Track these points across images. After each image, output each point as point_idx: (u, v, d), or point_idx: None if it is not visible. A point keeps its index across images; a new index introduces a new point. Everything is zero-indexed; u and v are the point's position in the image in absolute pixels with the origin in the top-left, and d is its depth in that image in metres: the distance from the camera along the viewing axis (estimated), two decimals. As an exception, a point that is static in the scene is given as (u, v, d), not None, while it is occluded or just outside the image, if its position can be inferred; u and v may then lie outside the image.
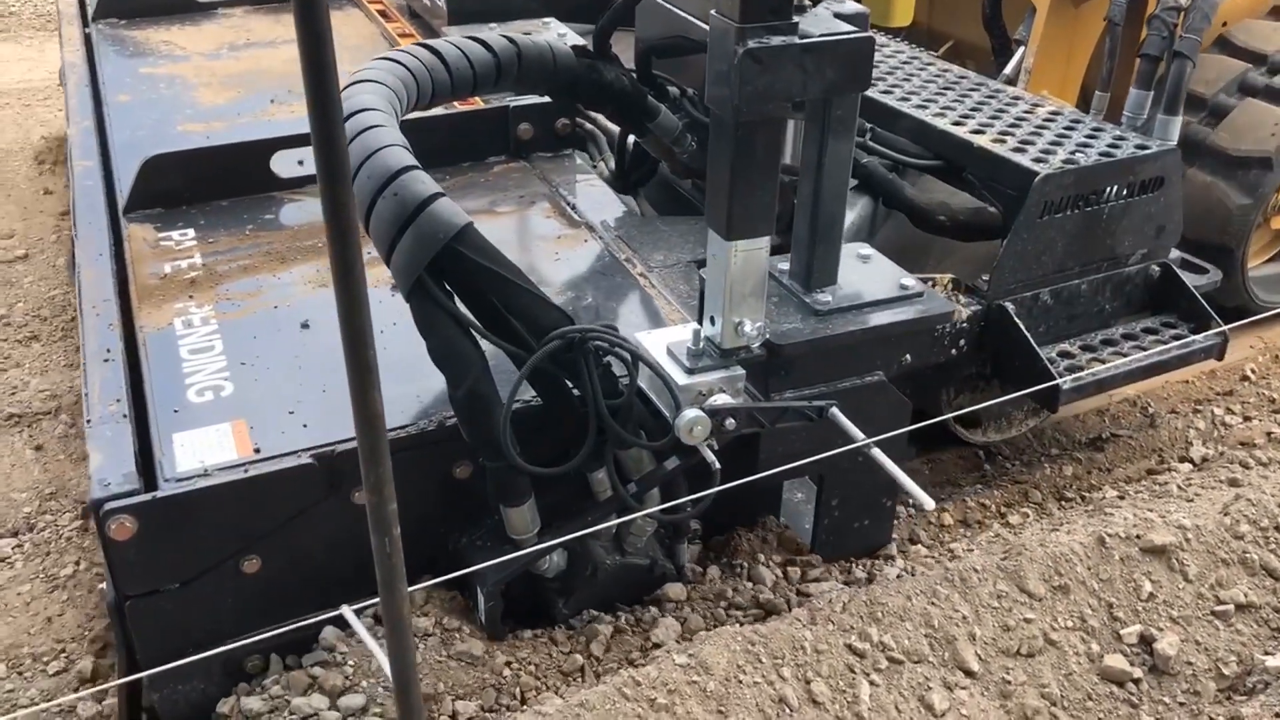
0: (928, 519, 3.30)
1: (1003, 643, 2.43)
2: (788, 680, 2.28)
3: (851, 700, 2.28)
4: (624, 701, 2.18)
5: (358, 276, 1.05)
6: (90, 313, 2.72)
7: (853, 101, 2.30)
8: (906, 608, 2.43)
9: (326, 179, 1.03)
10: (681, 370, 2.31)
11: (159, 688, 2.32)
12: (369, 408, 1.11)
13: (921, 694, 2.32)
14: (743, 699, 2.23)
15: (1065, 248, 3.19)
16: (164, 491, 2.18)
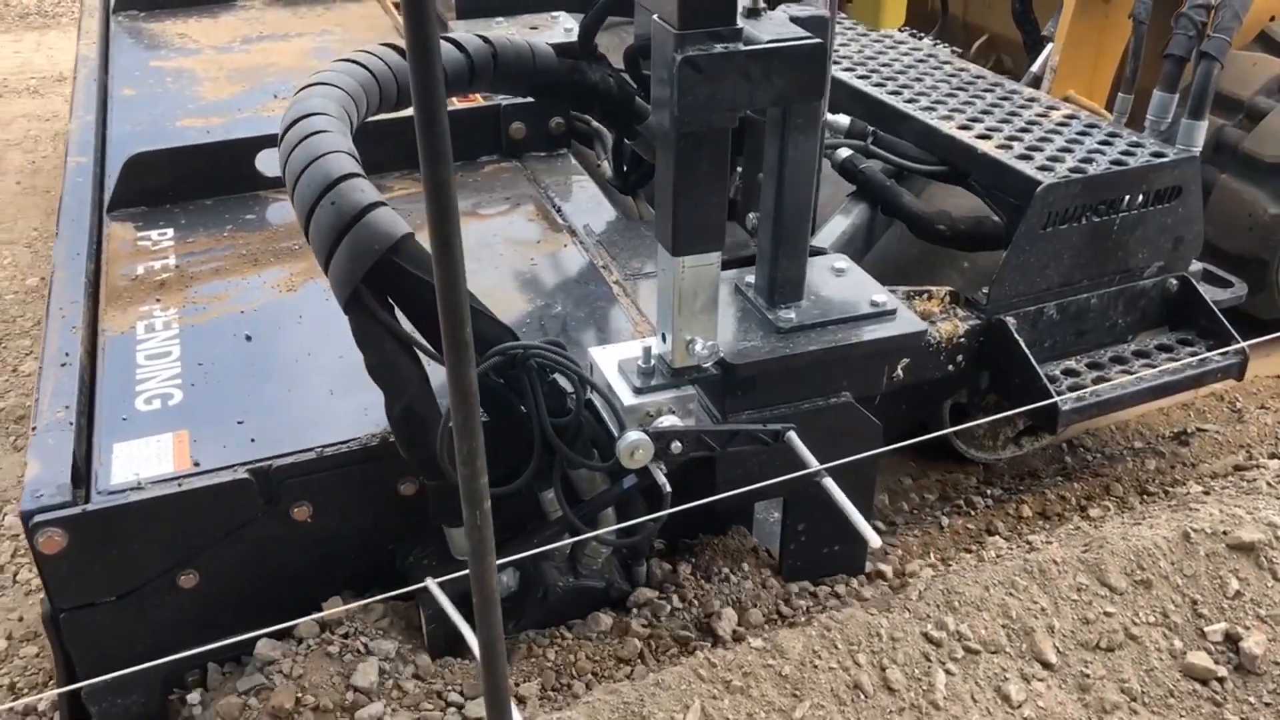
0: (1006, 510, 3.31)
1: (1082, 635, 2.41)
2: (863, 667, 2.29)
3: (926, 689, 2.28)
4: (699, 682, 2.22)
5: (456, 250, 1.08)
6: (56, 314, 2.70)
7: (815, 105, 2.19)
8: (984, 598, 2.42)
9: (428, 153, 1.07)
10: (630, 389, 2.22)
11: (96, 701, 2.28)
12: (463, 383, 1.15)
13: (998, 684, 2.31)
14: (817, 684, 2.25)
15: (1072, 260, 3.04)
16: (95, 505, 2.13)
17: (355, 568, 2.38)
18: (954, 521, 3.31)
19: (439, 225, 1.08)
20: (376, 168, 3.36)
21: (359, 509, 2.32)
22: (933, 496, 3.43)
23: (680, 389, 2.22)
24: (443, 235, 1.07)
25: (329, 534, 2.31)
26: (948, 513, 3.35)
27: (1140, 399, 3.10)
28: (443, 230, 1.07)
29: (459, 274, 1.12)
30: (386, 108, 2.63)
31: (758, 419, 2.30)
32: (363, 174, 2.21)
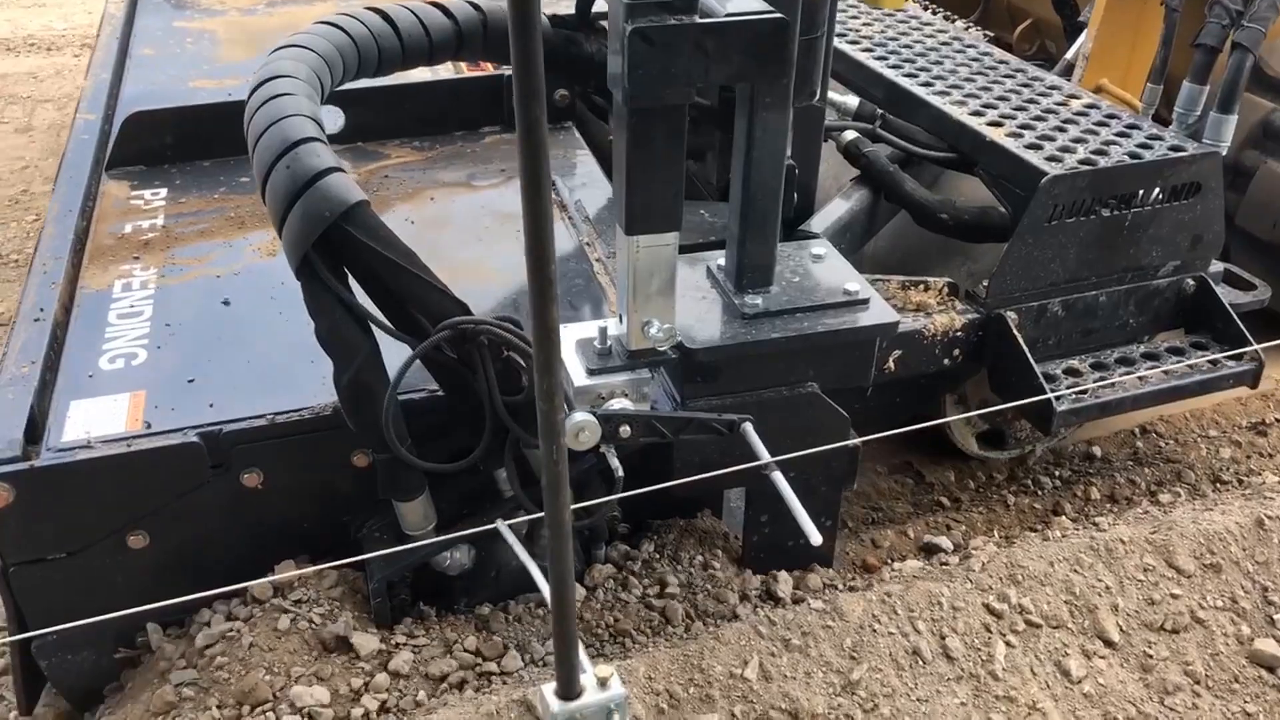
0: (1074, 492, 3.30)
1: (1146, 616, 2.40)
2: (922, 634, 2.31)
3: (986, 659, 2.29)
4: (758, 639, 2.25)
5: (544, 193, 1.15)
6: (39, 270, 2.71)
7: (784, 83, 2.10)
8: (1048, 573, 2.43)
9: (522, 89, 1.12)
10: (583, 370, 2.17)
11: (46, 655, 2.30)
12: (547, 320, 1.21)
13: (1058, 659, 2.31)
14: (876, 648, 2.27)
15: (1079, 255, 2.92)
16: (42, 461, 2.14)
17: (308, 537, 2.36)
18: (1020, 500, 3.31)
19: (530, 163, 1.16)
20: (377, 135, 3.35)
21: (311, 478, 2.30)
22: (1001, 476, 3.41)
23: (635, 372, 2.16)
24: (533, 173, 1.15)
25: (281, 502, 2.30)
26: (1015, 492, 3.33)
27: (1143, 402, 2.98)
28: (533, 168, 1.15)
29: (547, 212, 1.18)
30: (366, 72, 2.59)
31: (718, 406, 2.23)
32: (322, 139, 2.18)
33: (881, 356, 2.80)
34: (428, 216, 2.96)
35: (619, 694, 1.49)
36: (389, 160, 3.26)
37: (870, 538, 3.11)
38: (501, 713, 2.09)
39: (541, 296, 1.19)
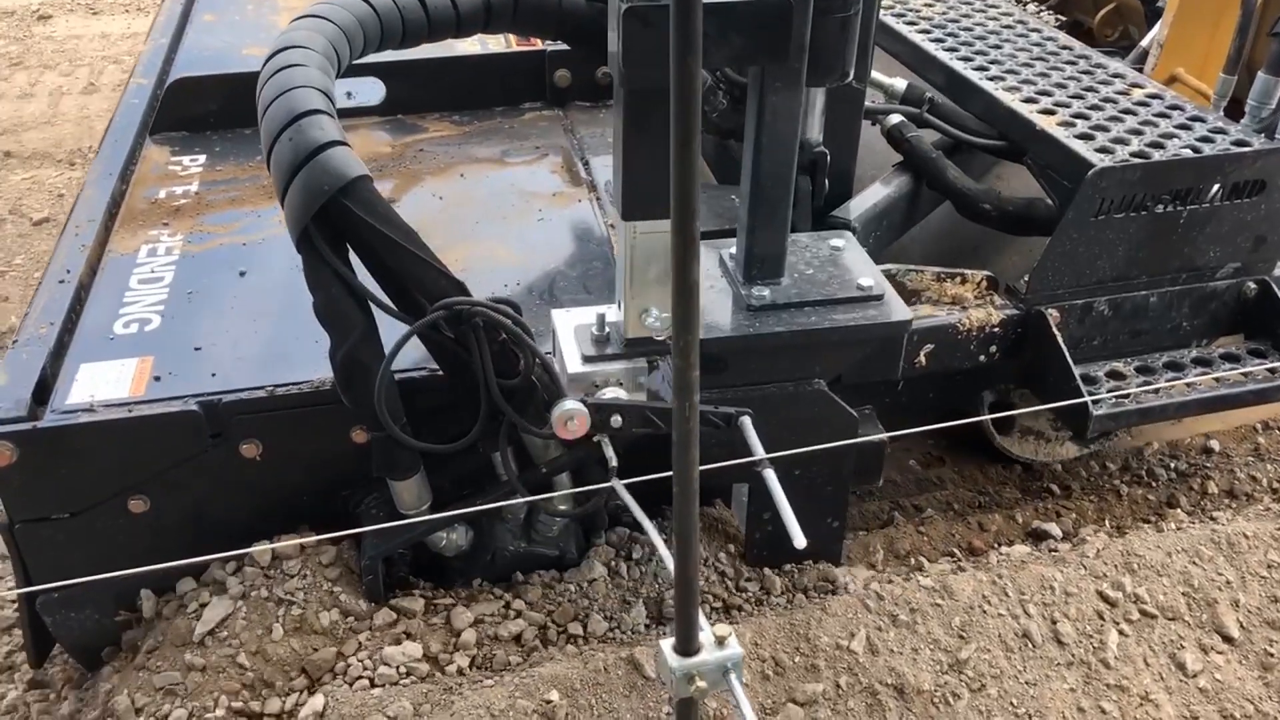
0: (1190, 485, 3.23)
1: (1269, 614, 2.36)
2: (1033, 617, 2.31)
3: (1098, 646, 2.28)
4: (865, 613, 2.28)
5: (693, 148, 1.13)
6: (71, 232, 2.75)
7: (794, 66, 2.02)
8: (1165, 563, 2.41)
9: (679, 41, 1.10)
10: (579, 356, 2.12)
11: (50, 612, 2.34)
12: (687, 277, 1.21)
13: (1173, 651, 2.30)
14: (985, 628, 2.28)
15: (1128, 253, 2.78)
16: (45, 422, 2.16)
17: (307, 510, 2.37)
18: (1133, 491, 3.24)
19: (681, 117, 1.11)
20: (417, 107, 3.34)
21: (309, 452, 2.30)
22: (1115, 466, 3.33)
23: (632, 361, 2.11)
24: (684, 129, 1.11)
25: (279, 474, 2.30)
26: (1128, 482, 3.27)
27: (1189, 410, 2.84)
28: (684, 123, 1.11)
29: (694, 168, 1.14)
30: (390, 44, 2.57)
31: (719, 399, 2.17)
32: (328, 111, 2.16)
33: (912, 350, 2.71)
34: (454, 192, 2.93)
35: (736, 653, 1.50)
36: (426, 134, 3.24)
37: (977, 521, 3.10)
38: (610, 669, 2.15)
39: (684, 252, 1.20)
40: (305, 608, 2.24)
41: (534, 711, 2.08)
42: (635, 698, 2.12)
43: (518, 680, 2.14)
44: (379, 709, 2.09)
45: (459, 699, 2.11)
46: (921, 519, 3.09)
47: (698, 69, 1.12)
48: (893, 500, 3.20)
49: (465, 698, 2.11)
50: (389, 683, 2.16)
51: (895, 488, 3.24)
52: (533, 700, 2.09)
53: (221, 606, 2.24)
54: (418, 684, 2.16)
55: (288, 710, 2.14)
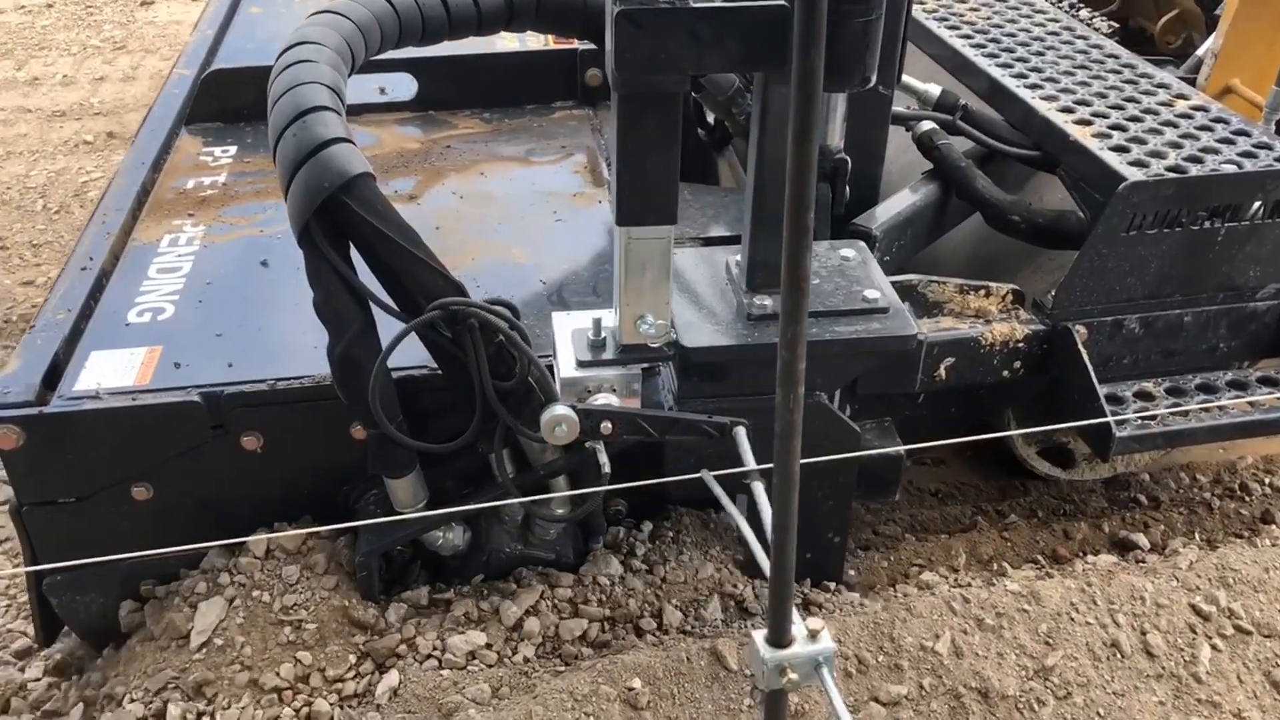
0: None
1: None
2: (1122, 627, 2.29)
3: (1189, 660, 2.26)
4: (950, 615, 2.28)
5: (812, 137, 1.16)
6: (98, 220, 2.80)
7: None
8: (1262, 579, 2.38)
9: (803, 32, 1.12)
10: (573, 361, 2.10)
11: (57, 594, 2.38)
12: (799, 269, 1.21)
13: (1268, 669, 2.26)
14: (1073, 636, 2.27)
15: (1161, 270, 2.70)
16: (51, 408, 2.20)
17: (307, 503, 2.38)
18: (1225, 505, 3.18)
19: (802, 107, 1.14)
20: (448, 104, 3.34)
21: (310, 446, 2.30)
22: (1205, 479, 3.27)
23: (626, 367, 2.09)
24: (803, 118, 1.13)
25: (279, 467, 2.31)
26: (1220, 495, 3.21)
27: (1220, 435, 2.73)
28: (804, 112, 1.13)
29: (812, 157, 1.17)
30: (410, 41, 2.56)
31: (716, 409, 2.13)
32: (334, 108, 2.16)
33: (931, 364, 2.65)
34: (474, 190, 2.93)
35: (828, 648, 1.50)
36: (455, 130, 3.24)
37: (1062, 528, 3.05)
38: (692, 659, 2.16)
39: (795, 245, 1.20)
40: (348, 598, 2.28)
41: (616, 698, 2.10)
42: (717, 689, 2.14)
43: (600, 666, 2.17)
44: (455, 689, 2.12)
45: (540, 683, 2.15)
46: (1005, 524, 3.07)
47: (819, 60, 1.13)
48: (975, 505, 3.17)
49: (546, 682, 2.14)
50: (454, 667, 2.17)
51: (978, 492, 3.23)
52: (615, 687, 2.11)
53: (216, 608, 2.27)
54: (491, 668, 2.19)
55: (359, 691, 2.17)
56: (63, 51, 6.75)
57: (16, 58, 6.66)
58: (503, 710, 2.08)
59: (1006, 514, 3.12)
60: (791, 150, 1.15)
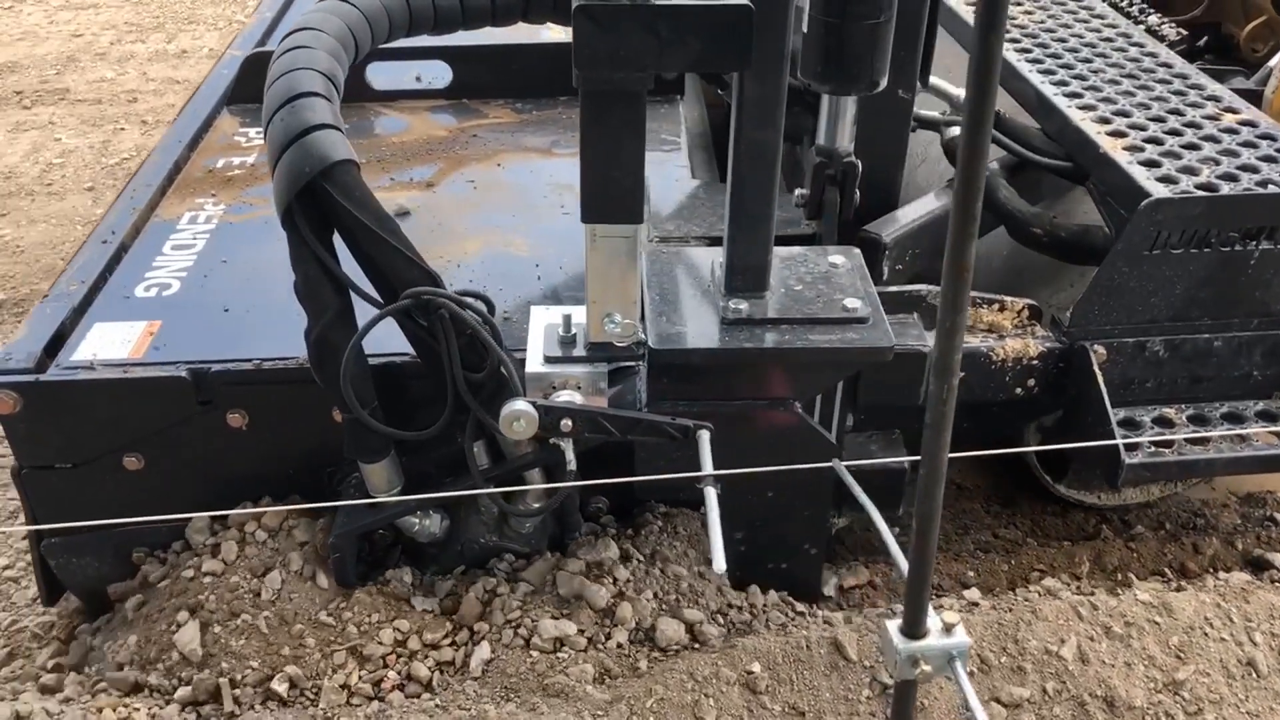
0: None
1: None
2: (1259, 645, 2.26)
3: None
4: (1077, 620, 2.27)
5: (985, 126, 1.18)
6: (127, 195, 2.88)
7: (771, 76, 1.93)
8: None
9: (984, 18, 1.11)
10: (541, 356, 2.09)
11: (54, 556, 2.46)
12: (962, 258, 1.24)
13: None
14: (1206, 651, 2.24)
15: (1189, 292, 2.58)
16: (47, 376, 2.27)
17: (291, 483, 2.42)
18: None
19: (975, 98, 1.15)
20: (482, 93, 3.36)
21: (294, 426, 2.34)
22: None
23: (593, 365, 2.07)
24: (977, 109, 1.14)
25: (263, 445, 2.35)
26: None
27: (1241, 467, 2.62)
28: (978, 105, 1.14)
29: (984, 147, 1.18)
30: (420, 30, 2.57)
31: (685, 413, 2.10)
32: (325, 95, 2.18)
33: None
34: (489, 180, 2.94)
35: (963, 642, 1.50)
36: (484, 119, 3.26)
37: (1191, 543, 2.98)
38: (812, 647, 2.18)
39: (961, 233, 1.21)
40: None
41: (736, 681, 2.12)
42: (836, 678, 2.15)
43: (720, 649, 2.19)
44: (559, 670, 2.14)
45: (654, 664, 2.18)
46: (1131, 535, 3.00)
47: (999, 47, 1.12)
48: (1100, 514, 3.10)
49: (661, 662, 2.18)
50: (543, 651, 2.20)
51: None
52: (735, 670, 2.13)
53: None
54: (590, 651, 2.21)
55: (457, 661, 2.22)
56: (210, 26, 7.06)
57: (167, 31, 7.01)
58: (620, 688, 2.11)
59: (1133, 524, 3.05)
60: (964, 138, 1.15)
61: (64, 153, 5.38)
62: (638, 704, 2.07)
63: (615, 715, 2.06)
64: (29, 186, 5.06)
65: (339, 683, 2.18)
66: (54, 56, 6.61)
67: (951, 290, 1.24)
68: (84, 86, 6.18)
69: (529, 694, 2.13)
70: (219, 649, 2.22)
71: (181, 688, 2.20)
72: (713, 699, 2.09)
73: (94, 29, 7.07)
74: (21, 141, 5.52)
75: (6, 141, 5.51)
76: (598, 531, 2.42)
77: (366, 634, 2.25)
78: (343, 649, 2.22)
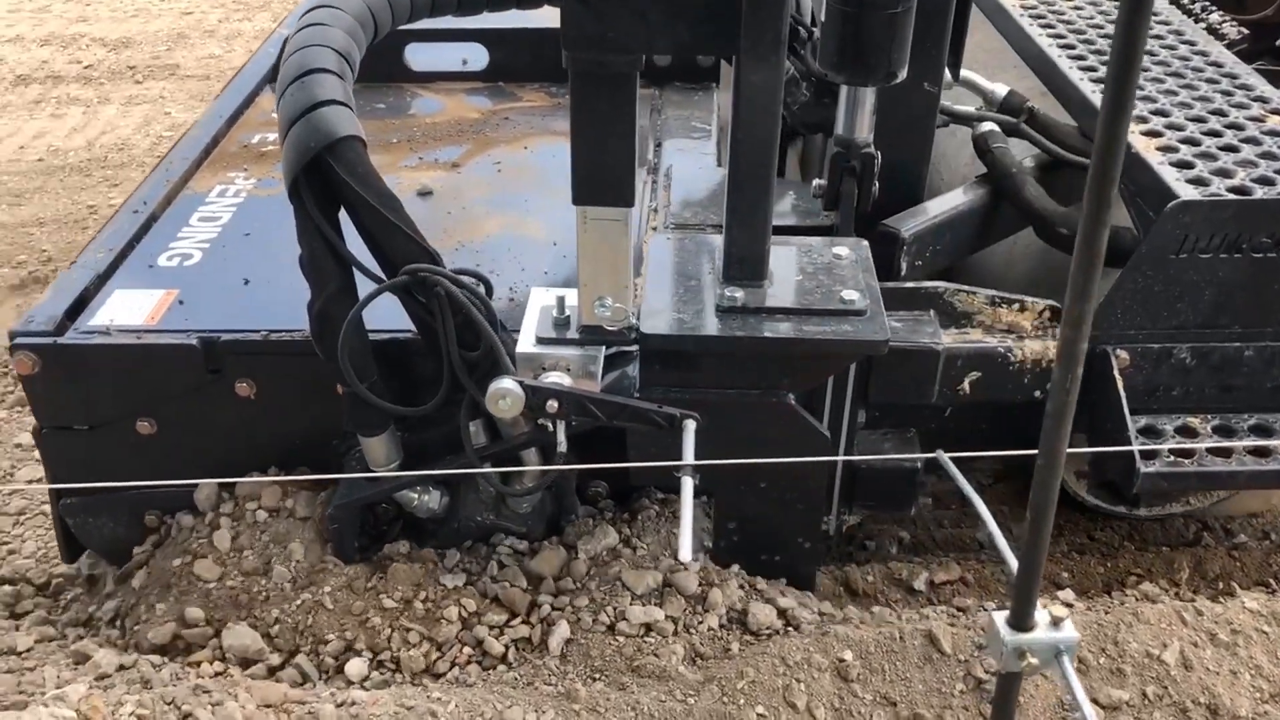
0: None
1: None
2: None
3: None
4: (1180, 625, 2.26)
5: (1129, 89, 1.16)
6: (163, 167, 2.95)
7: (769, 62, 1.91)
8: None
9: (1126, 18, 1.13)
10: (533, 337, 2.10)
11: (72, 514, 2.53)
12: (1093, 246, 1.23)
13: None
14: None
15: (1218, 299, 2.50)
16: (65, 339, 2.34)
17: (298, 453, 2.45)
18: None
19: (1116, 83, 1.14)
20: (519, 76, 3.38)
21: (299, 398, 2.37)
22: None
23: (584, 348, 2.07)
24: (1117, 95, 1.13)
25: (271, 415, 2.39)
26: None
27: (1264, 481, 2.53)
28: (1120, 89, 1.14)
29: (1121, 137, 1.16)
30: (444, 10, 2.59)
31: (677, 400, 2.09)
32: (336, 72, 2.21)
33: (954, 376, 2.53)
34: (514, 163, 2.95)
35: (1071, 637, 1.50)
36: (518, 103, 3.28)
37: None
38: (905, 638, 2.19)
39: (1093, 220, 1.18)
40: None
41: (828, 668, 2.14)
42: (929, 670, 2.15)
43: (812, 633, 2.22)
44: (649, 651, 2.17)
45: (745, 647, 2.20)
46: (1234, 544, 2.95)
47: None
48: (1200, 520, 3.05)
49: (753, 645, 2.20)
50: (628, 635, 2.22)
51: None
52: (827, 657, 2.16)
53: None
54: (682, 635, 2.23)
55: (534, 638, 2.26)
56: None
57: (273, 10, 7.26)
58: (710, 669, 2.13)
59: (1235, 533, 3.00)
60: (1102, 126, 1.12)
61: (173, 126, 5.58)
62: (729, 685, 2.09)
63: (706, 696, 2.08)
64: (140, 158, 5.26)
65: (418, 653, 2.22)
66: (165, 33, 6.85)
67: (1081, 277, 1.23)
68: (193, 63, 6.39)
69: (617, 674, 2.15)
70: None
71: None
72: (804, 684, 2.10)
73: (203, 7, 7.30)
74: (134, 115, 5.73)
75: (120, 114, 5.73)
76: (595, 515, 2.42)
77: (431, 614, 2.29)
78: (415, 627, 2.26)
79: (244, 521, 2.41)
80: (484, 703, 2.06)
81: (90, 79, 6.16)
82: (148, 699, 2.04)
